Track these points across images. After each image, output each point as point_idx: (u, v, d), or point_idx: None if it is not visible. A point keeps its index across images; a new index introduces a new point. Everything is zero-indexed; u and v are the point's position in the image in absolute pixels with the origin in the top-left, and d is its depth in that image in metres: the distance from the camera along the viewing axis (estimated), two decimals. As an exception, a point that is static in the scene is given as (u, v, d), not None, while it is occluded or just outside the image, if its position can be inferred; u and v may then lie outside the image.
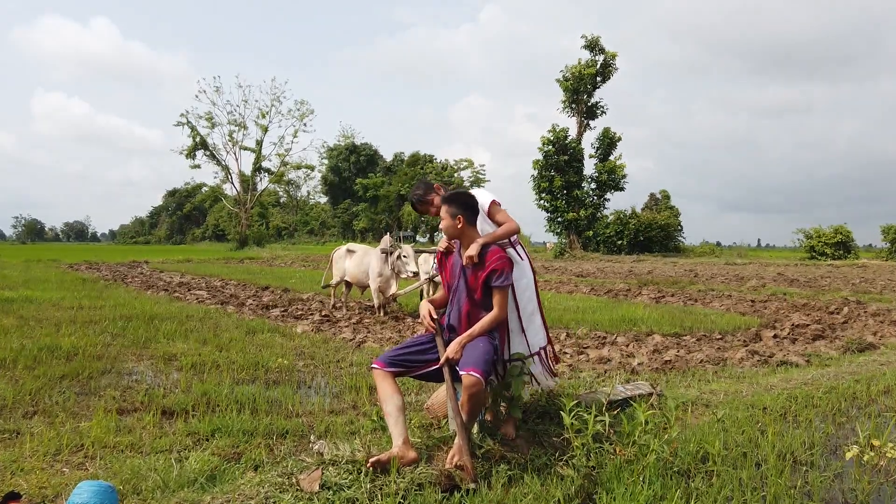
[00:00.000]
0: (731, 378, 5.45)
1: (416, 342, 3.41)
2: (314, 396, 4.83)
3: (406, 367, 3.30)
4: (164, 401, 4.47)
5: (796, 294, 13.62)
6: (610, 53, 38.95)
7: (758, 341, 7.67)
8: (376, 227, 69.84)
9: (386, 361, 3.26)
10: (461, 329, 3.40)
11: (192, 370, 5.61)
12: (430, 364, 3.32)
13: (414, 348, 3.36)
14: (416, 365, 3.31)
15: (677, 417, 3.59)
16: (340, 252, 10.40)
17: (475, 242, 3.40)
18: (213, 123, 54.23)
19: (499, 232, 3.59)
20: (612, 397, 3.73)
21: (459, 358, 3.20)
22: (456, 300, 3.47)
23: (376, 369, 3.24)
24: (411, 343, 3.42)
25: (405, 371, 3.31)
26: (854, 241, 35.41)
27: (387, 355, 3.31)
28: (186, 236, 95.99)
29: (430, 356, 3.33)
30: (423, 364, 3.32)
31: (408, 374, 3.34)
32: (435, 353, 3.31)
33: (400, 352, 3.33)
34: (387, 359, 3.27)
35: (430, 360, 3.32)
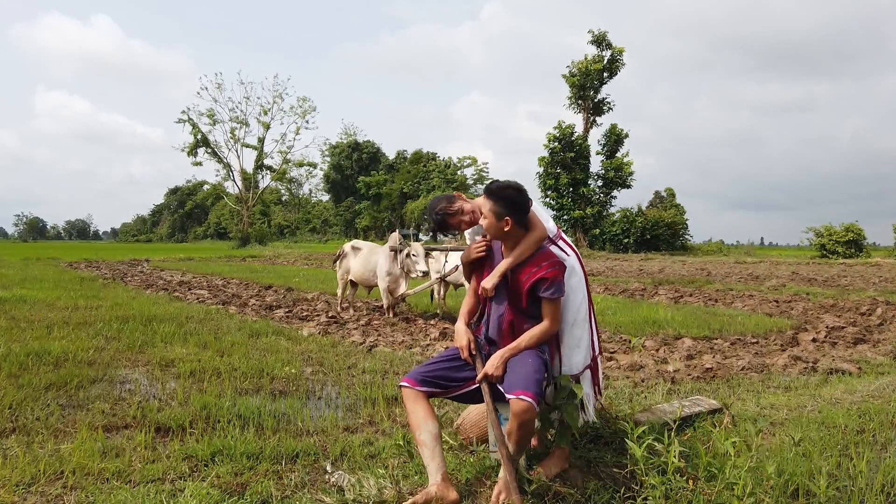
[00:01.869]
0: (782, 388, 4.96)
1: (452, 356, 2.93)
2: (325, 410, 4.35)
3: (441, 386, 2.82)
4: (159, 416, 3.98)
5: (819, 294, 13.12)
6: (617, 49, 38.37)
7: (795, 345, 7.18)
8: (379, 225, 69.38)
9: (417, 379, 2.77)
10: (502, 343, 2.92)
11: (191, 378, 5.13)
12: (469, 382, 2.83)
13: (449, 363, 2.87)
14: (454, 384, 2.83)
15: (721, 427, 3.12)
16: (345, 249, 9.91)
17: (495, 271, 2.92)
18: (214, 120, 53.76)
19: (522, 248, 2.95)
20: (673, 416, 3.26)
21: (501, 375, 2.72)
22: (495, 307, 2.98)
23: (406, 388, 2.76)
24: (446, 357, 2.93)
25: (440, 391, 2.83)
26: (866, 240, 34.87)
27: (418, 371, 2.83)
28: (188, 234, 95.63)
29: (470, 373, 2.85)
30: (461, 383, 2.84)
31: (444, 394, 2.86)
32: (472, 369, 2.84)
33: (433, 367, 2.84)
34: (418, 376, 2.79)
35: (470, 377, 2.84)
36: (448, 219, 3.27)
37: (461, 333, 2.94)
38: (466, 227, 3.28)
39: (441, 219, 3.26)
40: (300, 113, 55.82)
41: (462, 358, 2.88)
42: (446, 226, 3.29)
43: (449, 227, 3.30)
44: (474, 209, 3.22)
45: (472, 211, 3.22)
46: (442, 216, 3.26)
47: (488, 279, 2.93)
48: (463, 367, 2.87)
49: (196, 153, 54.32)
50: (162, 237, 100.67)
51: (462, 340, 2.91)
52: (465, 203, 3.28)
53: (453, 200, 3.29)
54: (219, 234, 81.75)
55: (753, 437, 2.78)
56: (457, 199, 3.30)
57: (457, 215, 3.25)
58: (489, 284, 2.90)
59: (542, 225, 3.01)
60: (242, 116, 55.10)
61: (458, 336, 2.96)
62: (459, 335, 2.94)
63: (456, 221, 3.28)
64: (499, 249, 3.02)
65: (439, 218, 3.25)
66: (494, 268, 2.97)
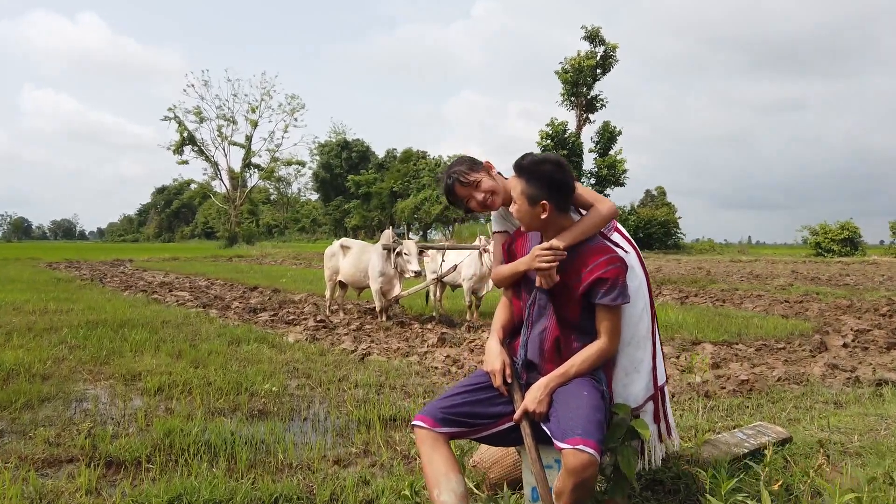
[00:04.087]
0: (832, 404, 4.38)
1: (478, 384, 2.29)
2: (312, 435, 3.71)
3: (467, 425, 2.18)
4: (112, 446, 3.33)
5: (830, 293, 12.59)
6: (611, 45, 37.81)
7: (824, 350, 6.60)
8: (369, 224, 68.56)
9: (436, 417, 2.14)
10: (545, 367, 2.28)
11: (158, 395, 4.49)
12: (503, 420, 2.20)
13: (476, 395, 2.23)
14: (482, 422, 2.20)
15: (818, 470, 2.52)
16: (333, 249, 9.24)
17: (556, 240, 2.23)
18: (201, 118, 52.74)
19: (586, 223, 2.31)
20: (739, 449, 2.67)
21: (545, 411, 2.11)
22: (536, 320, 2.33)
23: (422, 429, 2.12)
24: (471, 386, 2.29)
25: (465, 431, 2.19)
26: (862, 238, 34.56)
27: (437, 406, 2.19)
28: (175, 234, 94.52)
29: (504, 407, 2.22)
30: (492, 420, 2.20)
31: (469, 435, 2.22)
32: (506, 402, 2.21)
33: (456, 401, 2.21)
34: (437, 412, 2.15)
35: (504, 413, 2.20)
36: (457, 187, 2.58)
37: (494, 354, 2.30)
38: (478, 208, 2.60)
39: (451, 183, 2.59)
40: (289, 111, 54.98)
41: (493, 387, 2.25)
42: (453, 194, 2.62)
43: (456, 197, 2.62)
44: (494, 189, 2.55)
45: (491, 191, 2.55)
46: (453, 181, 2.58)
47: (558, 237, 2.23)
48: (494, 400, 2.24)
49: (182, 151, 53.30)
50: (149, 237, 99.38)
51: (495, 363, 2.27)
52: (486, 178, 2.58)
53: (475, 168, 2.60)
54: (206, 233, 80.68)
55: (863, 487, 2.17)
56: (480, 169, 2.60)
57: (469, 187, 2.56)
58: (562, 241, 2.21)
59: (608, 200, 2.38)
60: (230, 114, 54.16)
61: (489, 358, 2.31)
62: (492, 357, 2.30)
63: (464, 194, 2.58)
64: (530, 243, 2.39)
65: (450, 182, 2.59)
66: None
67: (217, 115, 53.89)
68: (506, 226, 2.71)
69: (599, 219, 2.34)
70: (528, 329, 2.34)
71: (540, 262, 2.21)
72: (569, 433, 1.93)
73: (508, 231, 2.67)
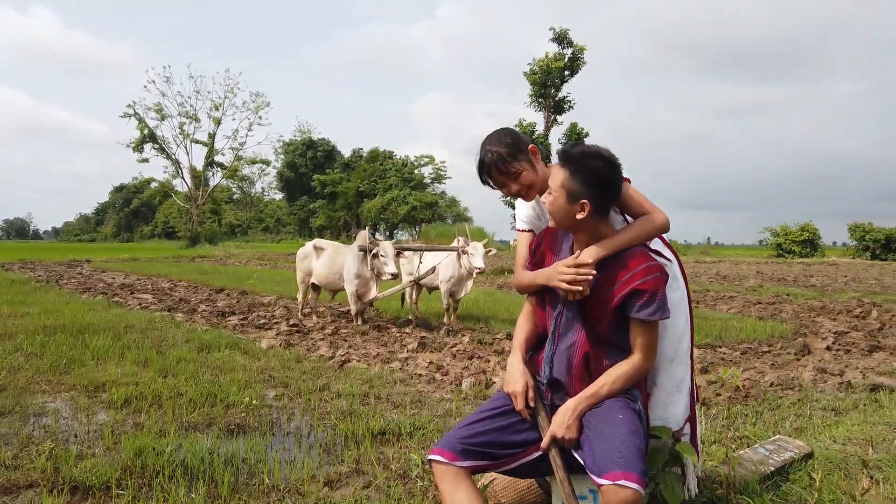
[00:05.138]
0: (830, 411, 4.28)
1: (499, 408, 2.07)
2: (297, 452, 3.45)
3: (490, 456, 1.96)
4: (77, 469, 3.03)
5: (800, 294, 12.72)
6: (578, 47, 37.98)
7: (808, 353, 6.56)
8: (335, 224, 67.85)
9: (457, 449, 1.91)
10: (573, 386, 2.06)
11: (125, 408, 4.16)
12: (530, 449, 1.98)
13: (498, 421, 2.01)
14: (507, 452, 1.97)
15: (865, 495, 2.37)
16: (306, 250, 8.92)
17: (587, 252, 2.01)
18: (162, 115, 51.31)
19: (629, 234, 2.08)
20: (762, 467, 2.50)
21: (576, 437, 1.91)
22: (563, 334, 2.11)
23: (441, 464, 1.90)
24: (491, 411, 2.07)
25: (489, 464, 1.97)
26: (821, 239, 35.37)
27: (456, 437, 1.96)
28: (134, 234, 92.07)
29: (529, 434, 2.00)
30: (517, 450, 1.98)
31: (493, 468, 1.99)
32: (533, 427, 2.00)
33: (477, 429, 1.98)
34: (457, 443, 1.93)
35: (530, 441, 1.98)
36: (495, 172, 2.29)
37: (516, 374, 2.08)
38: (508, 195, 2.36)
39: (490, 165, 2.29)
40: (253, 108, 53.85)
41: (516, 410, 2.04)
42: (488, 174, 2.33)
43: (489, 178, 2.34)
44: (533, 184, 2.29)
45: (530, 185, 2.29)
46: (491, 164, 2.28)
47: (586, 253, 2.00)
48: (519, 426, 2.02)
49: (142, 149, 51.86)
50: (106, 237, 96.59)
51: (517, 384, 2.05)
52: (528, 171, 2.28)
53: (518, 155, 2.26)
54: (167, 233, 78.67)
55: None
56: (523, 158, 2.28)
57: (508, 177, 2.28)
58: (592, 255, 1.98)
59: (660, 211, 2.16)
60: (192, 111, 52.88)
61: (510, 378, 2.09)
62: (513, 377, 2.08)
63: (500, 181, 2.32)
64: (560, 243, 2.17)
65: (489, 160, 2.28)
66: None
67: (179, 112, 52.64)
68: (533, 223, 2.46)
69: (645, 232, 2.12)
70: (553, 344, 2.12)
71: (560, 279, 2.00)
72: (607, 466, 1.72)
73: (534, 231, 2.44)
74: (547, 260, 2.20)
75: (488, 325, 8.17)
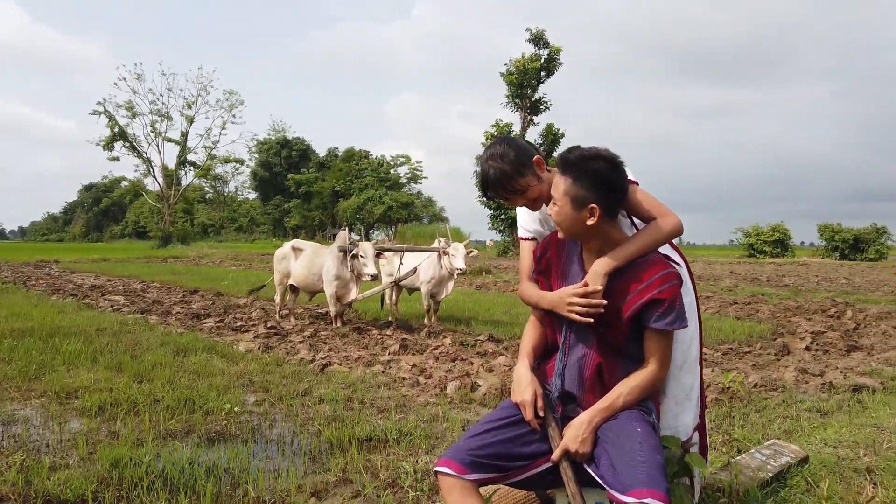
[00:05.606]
0: (815, 412, 4.28)
1: (508, 418, 1.99)
2: (280, 460, 3.34)
3: (498, 469, 1.88)
4: (50, 481, 2.89)
5: (774, 294, 12.88)
6: (554, 48, 38.13)
7: (787, 354, 6.61)
8: (309, 224, 67.34)
9: (465, 461, 1.83)
10: (585, 398, 1.99)
11: (100, 416, 4.01)
12: (537, 461, 1.91)
13: (507, 432, 1.93)
14: (516, 464, 1.90)
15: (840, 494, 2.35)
16: (284, 251, 8.77)
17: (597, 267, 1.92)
18: (133, 113, 50.38)
19: (641, 241, 1.98)
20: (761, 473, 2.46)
21: (589, 452, 1.84)
22: (574, 345, 2.03)
23: (448, 476, 1.82)
24: (499, 421, 1.98)
25: (497, 476, 1.89)
26: (791, 240, 35.98)
27: (464, 448, 1.87)
28: (104, 234, 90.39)
29: (539, 446, 1.92)
30: (525, 462, 1.91)
31: (501, 480, 1.91)
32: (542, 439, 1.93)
33: (485, 440, 1.89)
34: (465, 454, 1.84)
35: (539, 453, 1.91)
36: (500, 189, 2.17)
37: (524, 383, 1.99)
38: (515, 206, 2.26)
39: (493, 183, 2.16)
40: (226, 107, 53.18)
41: (525, 421, 1.96)
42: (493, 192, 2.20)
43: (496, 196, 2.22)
44: (540, 196, 2.19)
45: (537, 198, 2.21)
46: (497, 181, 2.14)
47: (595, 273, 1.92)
48: (528, 437, 1.94)
49: (113, 147, 50.91)
50: (75, 236, 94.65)
51: (525, 394, 1.96)
52: (535, 186, 2.17)
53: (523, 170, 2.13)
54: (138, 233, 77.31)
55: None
56: (532, 169, 2.16)
57: (514, 194, 2.17)
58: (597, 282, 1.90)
59: (672, 214, 2.09)
60: (164, 109, 52.05)
61: (518, 387, 2.00)
62: (521, 386, 1.99)
63: (505, 196, 2.20)
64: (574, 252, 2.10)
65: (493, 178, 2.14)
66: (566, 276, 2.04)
67: (150, 110, 51.64)
68: (536, 231, 2.39)
69: (659, 237, 2.02)
70: (564, 355, 2.04)
71: (570, 310, 1.93)
72: (631, 484, 1.65)
73: (537, 238, 2.36)
74: (553, 268, 2.12)
75: (470, 326, 8.11)
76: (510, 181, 2.13)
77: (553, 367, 2.06)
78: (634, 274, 1.95)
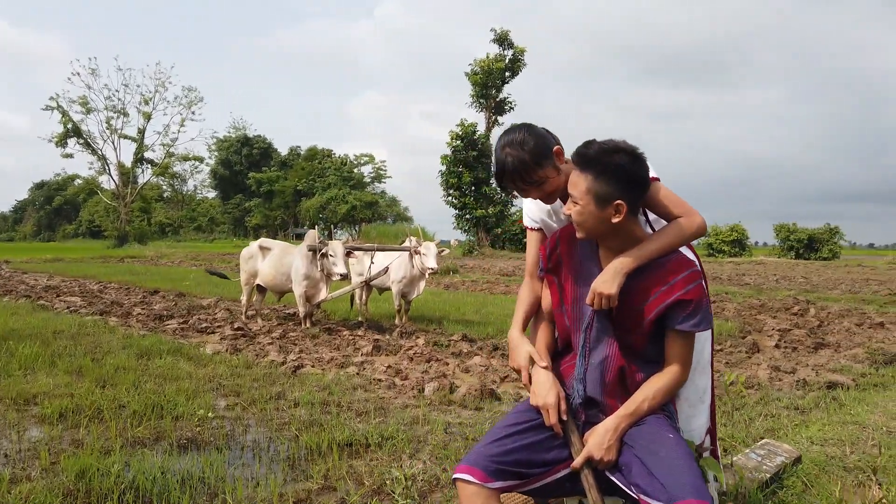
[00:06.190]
0: (793, 409, 4.31)
1: (525, 423, 1.88)
2: (259, 467, 3.19)
3: (520, 476, 1.77)
4: (11, 495, 2.70)
5: (738, 293, 13.10)
6: (518, 48, 38.33)
7: (757, 351, 6.68)
8: (271, 223, 66.40)
9: (487, 468, 1.72)
10: (608, 403, 1.90)
11: (61, 423, 3.80)
12: (556, 468, 1.82)
13: (526, 437, 1.82)
14: (536, 472, 1.80)
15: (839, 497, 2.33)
16: (251, 250, 8.54)
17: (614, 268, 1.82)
18: (88, 109, 48.86)
19: (663, 241, 1.88)
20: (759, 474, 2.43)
21: (615, 459, 1.75)
22: (594, 348, 1.93)
23: (470, 484, 1.71)
24: (518, 426, 1.87)
25: (517, 484, 1.78)
26: (749, 240, 36.82)
27: (485, 455, 1.76)
28: (57, 233, 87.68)
29: (556, 452, 1.83)
30: (545, 469, 1.81)
31: (520, 487, 1.81)
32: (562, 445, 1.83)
33: (507, 446, 1.79)
34: (488, 461, 1.74)
35: (559, 459, 1.82)
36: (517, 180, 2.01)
37: (546, 385, 1.88)
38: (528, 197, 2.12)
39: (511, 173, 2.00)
40: (185, 104, 51.95)
41: (545, 426, 1.85)
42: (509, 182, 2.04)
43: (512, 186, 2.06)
44: (557, 188, 2.05)
45: (552, 192, 2.07)
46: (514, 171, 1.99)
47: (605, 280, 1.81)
48: (548, 443, 1.84)
49: (66, 144, 49.29)
50: (26, 236, 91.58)
51: (548, 397, 1.85)
52: (554, 178, 2.02)
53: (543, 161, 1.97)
54: (92, 232, 75.10)
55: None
56: (551, 160, 2.01)
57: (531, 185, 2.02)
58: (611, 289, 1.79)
59: (696, 213, 2.01)
60: (120, 105, 50.59)
61: (539, 389, 1.89)
62: (543, 388, 1.88)
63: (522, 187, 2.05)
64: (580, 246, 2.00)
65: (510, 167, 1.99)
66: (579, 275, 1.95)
67: (106, 106, 50.18)
68: (544, 221, 2.27)
69: (682, 237, 1.91)
70: (584, 358, 1.94)
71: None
72: (678, 493, 1.55)
73: (544, 229, 2.27)
74: (564, 266, 2.02)
75: (442, 326, 8.01)
76: (529, 172, 2.00)
77: (568, 370, 1.97)
78: (658, 274, 1.86)
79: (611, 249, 1.92)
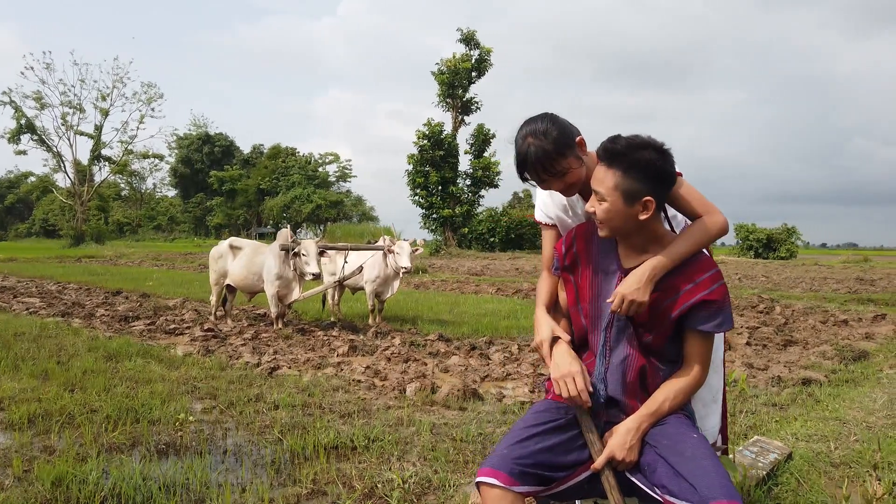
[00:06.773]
0: (772, 406, 4.37)
1: (547, 423, 1.84)
2: (244, 472, 3.10)
3: (543, 479, 1.73)
4: (-17, 507, 2.57)
5: (704, 292, 13.31)
6: (485, 49, 38.42)
7: (729, 349, 6.78)
8: (233, 222, 65.37)
9: (511, 471, 1.67)
10: (629, 403, 1.87)
11: (31, 429, 3.65)
12: (578, 469, 1.77)
13: (548, 439, 1.78)
14: (557, 476, 1.75)
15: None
16: (220, 249, 8.35)
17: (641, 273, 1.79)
18: (42, 104, 47.36)
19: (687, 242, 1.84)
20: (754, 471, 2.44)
21: (637, 460, 1.72)
22: (614, 347, 1.90)
23: (494, 487, 1.66)
24: (540, 427, 1.82)
25: (540, 489, 1.74)
26: (709, 240, 37.53)
27: (508, 457, 1.71)
28: (9, 232, 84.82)
29: (577, 453, 1.79)
30: (567, 472, 1.77)
31: (543, 492, 1.76)
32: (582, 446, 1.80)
33: (530, 448, 1.74)
34: (511, 464, 1.69)
35: (579, 461, 1.78)
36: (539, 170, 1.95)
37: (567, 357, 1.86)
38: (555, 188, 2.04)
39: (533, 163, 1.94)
40: (145, 100, 50.68)
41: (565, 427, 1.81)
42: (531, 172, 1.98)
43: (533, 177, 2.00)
44: (578, 180, 1.99)
45: (573, 184, 2.00)
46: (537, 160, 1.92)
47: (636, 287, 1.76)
48: (570, 445, 1.80)
49: (19, 140, 47.72)
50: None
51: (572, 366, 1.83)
52: (576, 169, 1.96)
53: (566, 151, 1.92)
54: (46, 231, 72.84)
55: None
56: (574, 151, 1.95)
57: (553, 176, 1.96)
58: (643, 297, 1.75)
59: (719, 212, 1.97)
60: (76, 101, 49.16)
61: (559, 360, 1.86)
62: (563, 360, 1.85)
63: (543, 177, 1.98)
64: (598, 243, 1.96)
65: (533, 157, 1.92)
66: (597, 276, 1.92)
67: (61, 101, 48.75)
68: (557, 217, 2.22)
69: (708, 237, 1.87)
70: (605, 357, 1.90)
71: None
72: (711, 494, 1.52)
73: (558, 226, 2.23)
74: (581, 263, 1.99)
75: (417, 326, 7.96)
76: (552, 162, 1.93)
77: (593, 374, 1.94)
78: (685, 273, 1.83)
79: (631, 247, 1.90)
